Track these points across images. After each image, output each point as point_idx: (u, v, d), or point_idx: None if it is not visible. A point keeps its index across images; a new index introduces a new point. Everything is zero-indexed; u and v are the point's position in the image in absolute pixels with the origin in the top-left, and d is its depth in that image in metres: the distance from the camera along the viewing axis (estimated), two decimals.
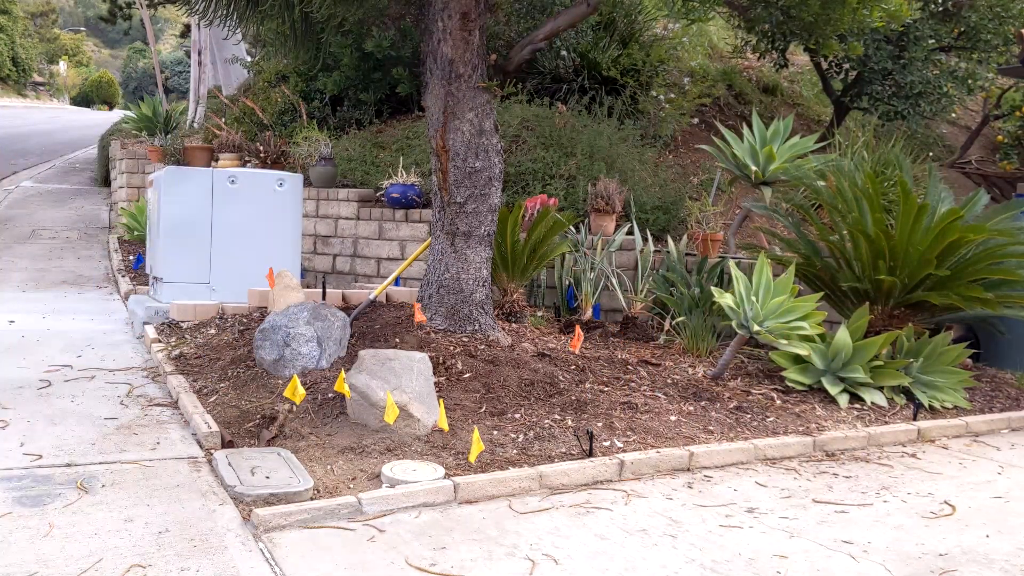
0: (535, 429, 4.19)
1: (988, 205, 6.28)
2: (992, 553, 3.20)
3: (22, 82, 38.40)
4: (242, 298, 6.53)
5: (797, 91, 12.07)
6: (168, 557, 2.83)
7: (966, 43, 9.65)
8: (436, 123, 5.27)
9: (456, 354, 4.94)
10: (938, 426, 4.93)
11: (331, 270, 8.55)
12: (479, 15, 5.17)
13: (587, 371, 5.14)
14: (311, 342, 4.88)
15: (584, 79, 9.46)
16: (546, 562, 2.94)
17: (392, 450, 3.86)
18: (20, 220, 11.65)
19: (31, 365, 5.37)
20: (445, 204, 5.35)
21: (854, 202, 5.77)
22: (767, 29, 6.00)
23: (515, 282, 6.37)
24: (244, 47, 13.84)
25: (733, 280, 5.26)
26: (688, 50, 10.37)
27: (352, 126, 10.28)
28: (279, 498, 3.29)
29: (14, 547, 2.86)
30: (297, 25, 5.59)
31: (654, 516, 3.43)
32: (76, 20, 55.08)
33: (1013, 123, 11.22)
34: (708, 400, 4.88)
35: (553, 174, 7.82)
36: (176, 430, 4.23)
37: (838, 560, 3.07)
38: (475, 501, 3.48)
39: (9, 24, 36.47)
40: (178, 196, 6.88)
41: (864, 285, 5.65)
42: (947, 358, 5.46)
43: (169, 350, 5.56)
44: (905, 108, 9.30)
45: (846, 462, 4.32)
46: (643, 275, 7.01)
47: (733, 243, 7.51)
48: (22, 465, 3.63)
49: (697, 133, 9.87)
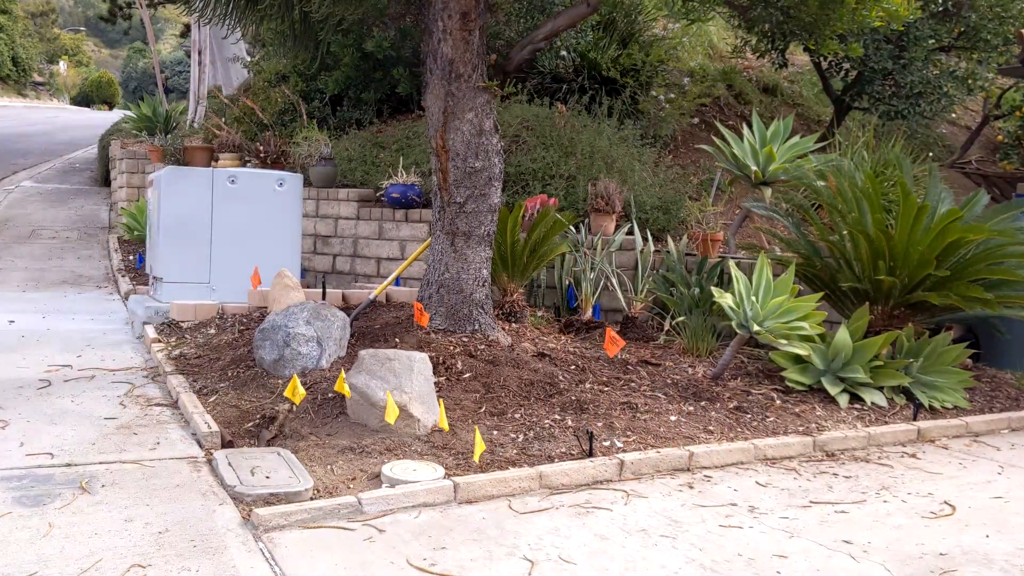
0: (535, 429, 4.20)
1: (988, 205, 6.27)
2: (992, 553, 3.20)
3: (22, 82, 38.41)
4: (242, 298, 6.54)
5: (797, 91, 12.06)
6: (168, 557, 2.83)
7: (966, 43, 9.64)
8: (436, 123, 5.27)
9: (456, 354, 4.94)
10: (938, 426, 4.93)
11: (331, 270, 8.55)
12: (479, 15, 5.17)
13: (587, 371, 5.14)
14: (311, 342, 4.88)
15: (584, 79, 9.46)
16: (546, 562, 2.94)
17: (392, 450, 3.86)
18: (20, 220, 11.65)
19: (31, 365, 5.37)
20: (445, 204, 5.35)
21: (854, 202, 5.77)
22: (767, 29, 5.99)
23: (515, 282, 6.37)
24: (244, 47, 13.83)
25: (733, 280, 5.26)
26: (688, 50, 10.37)
27: (352, 126, 10.28)
28: (279, 498, 3.29)
29: (14, 547, 2.86)
30: (296, 25, 5.59)
31: (654, 516, 3.43)
32: (76, 20, 55.10)
33: (1013, 123, 11.22)
34: (708, 400, 4.88)
35: (553, 174, 7.81)
36: (176, 430, 4.23)
37: (838, 560, 3.07)
38: (475, 501, 3.48)
39: (9, 24, 36.47)
40: (178, 196, 6.88)
41: (864, 285, 5.65)
42: (947, 358, 5.45)
43: (169, 350, 5.56)
44: (905, 108, 9.30)
45: (846, 462, 4.32)
46: (643, 275, 7.01)
47: (733, 243, 7.51)
48: (22, 465, 3.63)
49: (697, 133, 9.87)
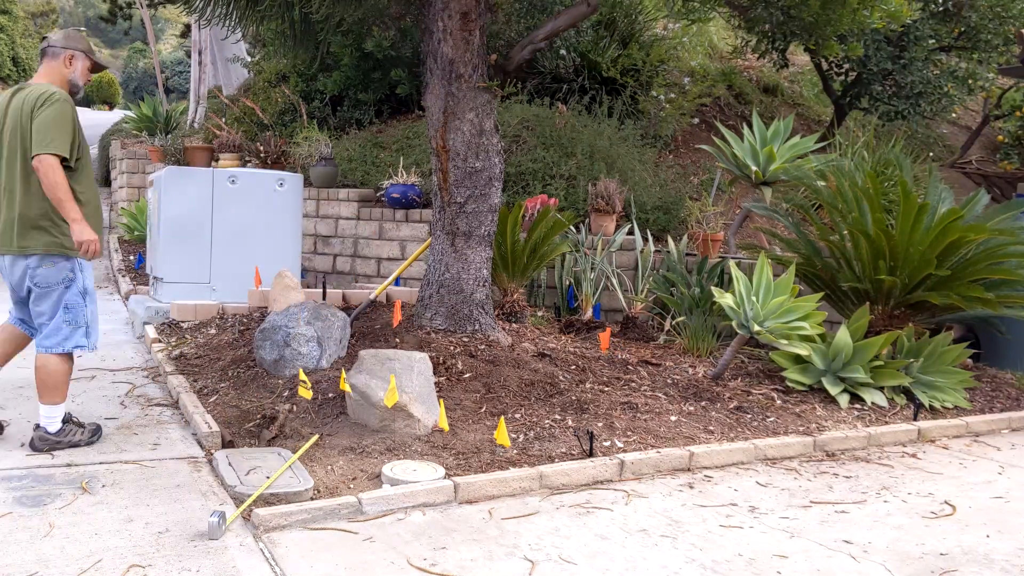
0: (535, 429, 4.19)
1: (988, 205, 6.28)
2: (992, 553, 3.20)
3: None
4: (242, 298, 6.54)
5: (797, 91, 12.07)
6: (168, 557, 2.83)
7: (966, 43, 9.65)
8: (436, 123, 5.27)
9: (456, 354, 4.94)
10: (938, 426, 4.93)
11: (331, 270, 8.55)
12: (479, 15, 5.17)
13: (587, 371, 5.14)
14: (311, 342, 4.88)
15: (584, 79, 9.46)
16: (546, 562, 2.94)
17: (392, 450, 3.86)
18: None
19: (31, 365, 5.35)
20: (445, 204, 5.35)
21: (854, 202, 5.77)
22: (767, 29, 5.99)
23: (515, 282, 6.37)
24: (244, 47, 13.85)
25: (733, 280, 5.26)
26: (688, 50, 10.37)
27: (352, 126, 10.28)
28: (279, 498, 3.29)
29: (14, 547, 2.86)
30: (297, 25, 5.58)
31: (654, 516, 3.42)
32: (76, 20, 55.12)
33: (1013, 123, 11.22)
34: (708, 400, 4.88)
35: (553, 174, 7.81)
36: (176, 430, 4.23)
37: (838, 560, 3.07)
38: (475, 501, 3.48)
39: (9, 24, 36.44)
40: (178, 196, 6.89)
41: (864, 285, 5.65)
42: (947, 358, 5.45)
43: (169, 350, 5.56)
44: (905, 108, 9.30)
45: (846, 462, 4.32)
46: (643, 275, 7.01)
47: (733, 243, 7.51)
48: (22, 465, 3.63)
49: (697, 133, 9.87)
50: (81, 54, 3.94)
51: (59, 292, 3.79)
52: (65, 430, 3.88)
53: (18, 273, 3.81)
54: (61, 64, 3.90)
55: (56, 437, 3.84)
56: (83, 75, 3.96)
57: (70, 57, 3.92)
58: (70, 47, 3.92)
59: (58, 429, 3.86)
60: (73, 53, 3.92)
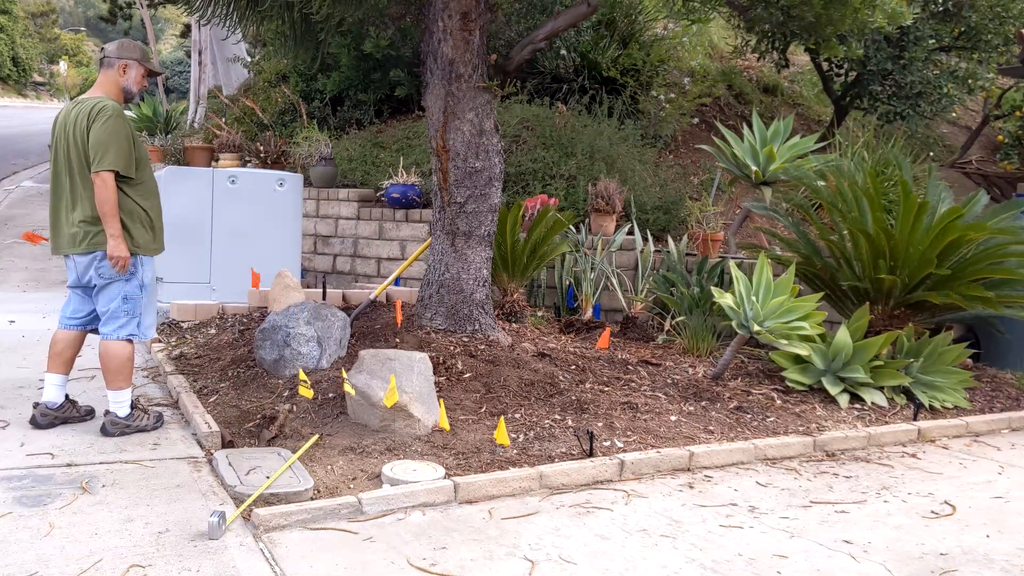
0: (535, 429, 4.19)
1: (988, 205, 6.28)
2: (992, 553, 3.20)
3: (22, 82, 38.39)
4: (242, 298, 6.53)
5: (797, 91, 12.07)
6: (168, 557, 2.83)
7: (966, 43, 9.64)
8: (436, 123, 5.27)
9: (456, 354, 4.94)
10: (938, 426, 4.93)
11: (331, 270, 8.55)
12: (479, 15, 5.17)
13: (587, 371, 5.14)
14: (311, 342, 4.88)
15: (584, 79, 9.46)
16: (546, 562, 2.94)
17: (392, 450, 3.86)
18: (20, 220, 11.64)
19: (31, 365, 5.37)
20: (445, 204, 5.35)
21: (854, 202, 5.77)
22: (768, 29, 5.99)
23: (515, 282, 6.37)
24: (244, 47, 13.84)
25: (733, 280, 5.26)
26: (688, 50, 10.36)
27: (352, 126, 10.28)
28: (279, 498, 3.29)
29: (14, 547, 2.86)
30: (297, 25, 5.58)
31: (654, 516, 3.42)
32: (76, 20, 55.07)
33: (1013, 123, 11.22)
34: (708, 400, 4.88)
35: (553, 174, 7.81)
36: (176, 430, 4.24)
37: (838, 560, 3.07)
38: (475, 501, 3.48)
39: (9, 24, 36.46)
40: (178, 196, 6.88)
41: (864, 285, 5.65)
42: (947, 358, 5.45)
43: (169, 350, 5.56)
44: (905, 108, 9.30)
45: (846, 462, 4.32)
46: (643, 275, 7.01)
47: (733, 243, 7.51)
48: (23, 465, 3.63)
49: (697, 133, 9.87)
50: (134, 62, 4.20)
51: (120, 284, 4.08)
52: (134, 415, 4.14)
53: (83, 266, 4.09)
54: (116, 73, 4.17)
55: (126, 421, 4.09)
56: (137, 82, 4.23)
57: (124, 66, 4.18)
58: (124, 56, 4.19)
59: (128, 413, 4.12)
60: (127, 62, 4.18)
